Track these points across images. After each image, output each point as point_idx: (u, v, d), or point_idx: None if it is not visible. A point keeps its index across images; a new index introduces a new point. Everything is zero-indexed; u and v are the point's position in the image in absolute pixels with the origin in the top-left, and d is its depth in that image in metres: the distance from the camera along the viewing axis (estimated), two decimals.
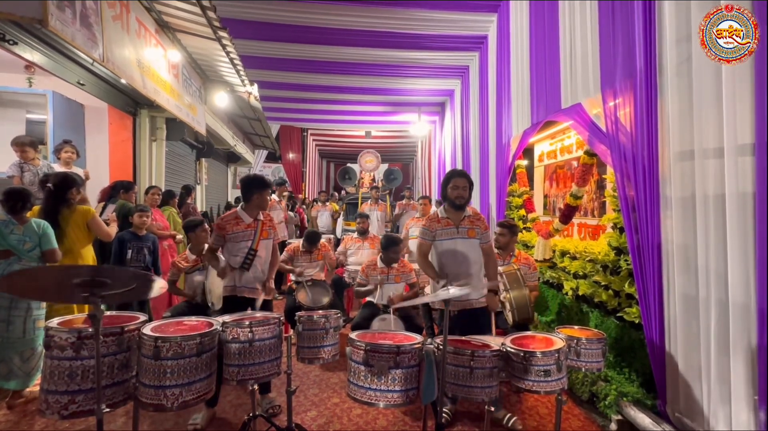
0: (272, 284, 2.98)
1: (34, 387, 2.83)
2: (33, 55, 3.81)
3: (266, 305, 2.94)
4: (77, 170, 4.21)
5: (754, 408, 1.89)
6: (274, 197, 6.72)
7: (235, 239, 2.79)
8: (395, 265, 3.69)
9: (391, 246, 3.63)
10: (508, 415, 2.69)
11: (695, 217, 2.16)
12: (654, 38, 2.38)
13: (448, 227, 2.74)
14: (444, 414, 2.66)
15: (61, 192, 3.12)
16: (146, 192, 4.49)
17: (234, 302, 2.77)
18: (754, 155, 1.85)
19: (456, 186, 2.72)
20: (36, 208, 3.11)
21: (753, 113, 1.86)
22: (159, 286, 1.72)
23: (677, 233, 2.27)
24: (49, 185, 3.15)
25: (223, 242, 2.82)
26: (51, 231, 2.91)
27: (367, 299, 3.72)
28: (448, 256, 2.74)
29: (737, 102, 1.92)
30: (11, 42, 3.49)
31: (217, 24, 4.65)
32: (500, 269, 3.05)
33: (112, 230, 3.39)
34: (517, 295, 2.87)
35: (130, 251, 3.55)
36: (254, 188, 2.82)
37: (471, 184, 2.77)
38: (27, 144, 3.87)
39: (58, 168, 4.07)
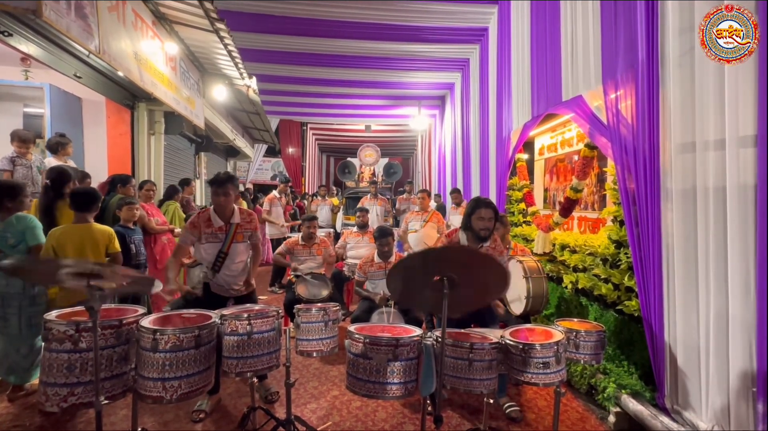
0: (252, 280, 2.89)
1: (36, 380, 2.82)
2: (28, 47, 3.77)
3: (248, 298, 2.83)
4: (70, 164, 4.17)
5: (752, 400, 1.90)
6: (275, 193, 6.74)
7: (206, 239, 2.70)
8: (392, 260, 3.67)
9: (382, 237, 3.60)
10: (510, 403, 2.71)
11: (696, 210, 2.15)
12: (656, 29, 2.36)
13: None
14: None
15: (58, 186, 3.09)
16: (140, 187, 4.37)
17: (210, 297, 2.70)
18: (756, 147, 1.84)
19: (482, 218, 2.62)
20: (34, 202, 3.07)
21: (755, 104, 1.84)
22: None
23: (678, 226, 2.26)
24: (47, 180, 3.10)
25: (193, 241, 2.72)
26: (36, 225, 2.75)
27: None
28: None
29: (739, 93, 1.91)
30: (6, 34, 3.44)
31: (214, 16, 4.60)
32: (523, 262, 3.01)
33: None
34: (536, 286, 2.85)
35: (132, 246, 3.45)
36: (211, 185, 2.68)
37: (497, 214, 2.69)
38: (31, 140, 3.78)
39: (53, 162, 4.03)
